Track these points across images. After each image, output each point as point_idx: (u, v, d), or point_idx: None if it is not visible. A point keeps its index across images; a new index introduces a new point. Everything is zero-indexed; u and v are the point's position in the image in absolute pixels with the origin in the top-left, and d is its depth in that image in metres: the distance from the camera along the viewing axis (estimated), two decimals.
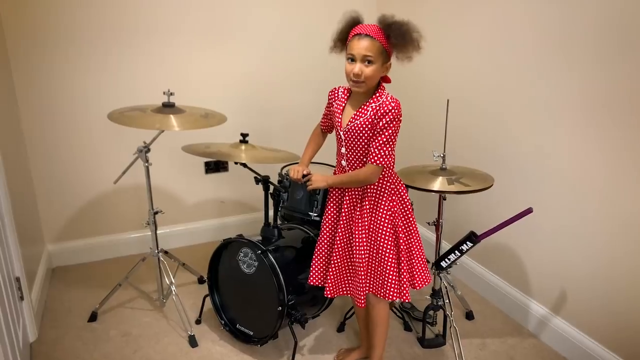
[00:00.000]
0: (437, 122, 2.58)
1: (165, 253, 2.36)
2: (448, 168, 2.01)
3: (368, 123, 1.57)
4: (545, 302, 2.16)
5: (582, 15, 1.80)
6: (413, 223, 1.74)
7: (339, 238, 1.72)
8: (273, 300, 1.88)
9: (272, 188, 2.04)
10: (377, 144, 1.57)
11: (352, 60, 1.54)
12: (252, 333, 2.05)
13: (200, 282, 2.59)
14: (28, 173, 2.51)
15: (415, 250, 1.74)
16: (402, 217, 1.71)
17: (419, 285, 1.76)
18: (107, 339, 2.11)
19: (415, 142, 2.85)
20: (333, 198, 1.77)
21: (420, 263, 1.75)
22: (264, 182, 2.01)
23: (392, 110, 1.53)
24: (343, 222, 1.72)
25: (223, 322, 2.12)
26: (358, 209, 1.70)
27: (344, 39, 1.58)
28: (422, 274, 1.76)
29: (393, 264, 1.67)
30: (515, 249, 2.28)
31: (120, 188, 2.72)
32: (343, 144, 1.67)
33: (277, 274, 1.86)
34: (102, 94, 2.58)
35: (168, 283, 2.21)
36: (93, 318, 2.24)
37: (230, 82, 2.86)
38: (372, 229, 1.69)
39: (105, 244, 2.83)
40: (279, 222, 2.11)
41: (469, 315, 2.33)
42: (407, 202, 1.73)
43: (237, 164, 2.00)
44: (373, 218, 1.68)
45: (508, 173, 2.23)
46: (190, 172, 2.93)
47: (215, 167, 2.99)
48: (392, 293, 1.67)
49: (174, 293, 2.19)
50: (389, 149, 1.58)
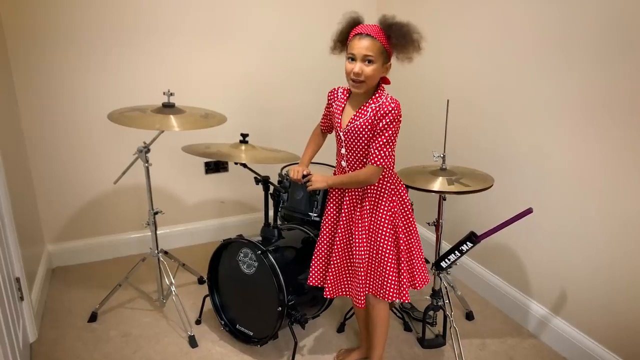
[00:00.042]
0: (437, 122, 2.58)
1: (165, 253, 2.35)
2: (448, 168, 2.01)
3: (368, 124, 1.57)
4: (545, 302, 2.16)
5: (582, 15, 1.80)
6: (413, 223, 1.74)
7: (339, 238, 1.72)
8: (273, 301, 1.88)
9: (272, 188, 2.04)
10: (377, 145, 1.56)
11: (352, 60, 1.53)
12: (252, 333, 2.05)
13: (200, 282, 2.59)
14: (28, 173, 2.51)
15: (416, 251, 1.74)
16: (402, 217, 1.71)
17: (419, 286, 1.76)
18: (107, 339, 2.11)
19: (415, 142, 2.85)
20: (333, 198, 1.77)
21: (420, 263, 1.76)
22: (264, 182, 2.01)
23: (392, 111, 1.53)
24: (343, 222, 1.72)
25: (223, 322, 2.12)
26: (358, 210, 1.70)
27: (344, 40, 1.58)
28: (422, 274, 1.76)
29: (393, 265, 1.67)
30: (515, 249, 2.28)
31: (120, 188, 2.72)
32: (343, 145, 1.67)
33: (277, 275, 1.86)
34: (102, 94, 2.58)
35: (168, 283, 2.21)
36: (93, 318, 2.24)
37: (230, 82, 2.86)
38: (372, 230, 1.69)
39: (105, 244, 2.83)
40: (279, 222, 2.11)
41: (469, 316, 2.33)
42: (407, 202, 1.73)
43: (237, 164, 2.00)
44: (373, 218, 1.68)
45: (508, 173, 2.23)
46: (190, 172, 2.93)
47: (215, 167, 2.99)
48: (391, 293, 1.68)
49: (174, 293, 2.19)
50: (389, 150, 1.58)
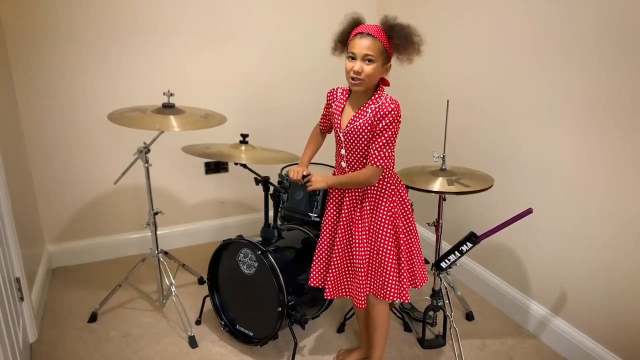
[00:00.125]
0: (437, 122, 2.58)
1: (165, 254, 2.35)
2: (448, 169, 2.01)
3: (368, 124, 1.57)
4: (545, 302, 2.16)
5: (582, 16, 1.80)
6: (413, 223, 1.74)
7: (339, 239, 1.72)
8: (273, 301, 1.88)
9: (272, 189, 2.04)
10: (377, 146, 1.56)
11: (352, 59, 1.54)
12: (252, 334, 2.05)
13: (200, 282, 2.59)
14: (28, 173, 2.51)
15: (416, 251, 1.75)
16: (402, 217, 1.71)
17: (420, 285, 1.77)
18: (107, 340, 2.11)
19: (415, 142, 2.85)
20: (333, 199, 1.77)
21: (420, 262, 1.77)
22: (264, 182, 2.01)
23: (391, 112, 1.53)
24: (343, 223, 1.72)
25: (223, 322, 2.12)
26: (358, 210, 1.70)
27: (345, 40, 1.58)
28: (422, 274, 1.78)
29: (393, 265, 1.67)
30: (515, 250, 2.28)
31: (120, 189, 2.72)
32: (343, 145, 1.67)
33: (277, 275, 1.86)
34: (101, 94, 2.58)
35: (168, 284, 2.21)
36: (93, 318, 2.24)
37: (230, 82, 2.86)
38: (372, 230, 1.69)
39: (106, 245, 2.83)
40: (279, 222, 2.11)
41: (469, 316, 2.33)
42: (407, 202, 1.73)
43: (237, 165, 2.00)
44: (373, 219, 1.68)
45: (508, 174, 2.23)
46: (190, 172, 2.93)
47: (215, 167, 2.99)
48: (392, 294, 1.68)
49: (174, 294, 2.19)
50: (389, 151, 1.58)
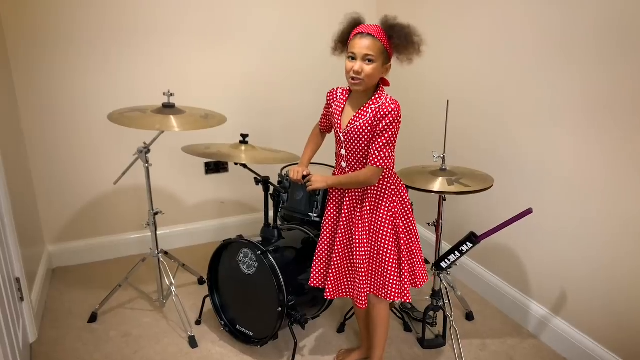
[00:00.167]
0: (437, 122, 2.58)
1: (165, 254, 2.35)
2: (448, 169, 2.01)
3: (368, 125, 1.57)
4: (545, 302, 2.16)
5: (582, 16, 1.80)
6: (413, 223, 1.74)
7: (339, 239, 1.72)
8: (273, 301, 1.88)
9: (272, 189, 2.04)
10: (377, 146, 1.56)
11: (352, 59, 1.54)
12: (252, 334, 2.05)
13: (200, 282, 2.59)
14: (28, 173, 2.51)
15: (416, 250, 1.75)
16: (403, 217, 1.71)
17: (420, 284, 1.77)
18: (107, 340, 2.11)
19: (415, 142, 2.85)
20: (333, 199, 1.77)
21: (420, 262, 1.77)
22: (264, 182, 2.01)
23: (392, 112, 1.53)
24: (343, 223, 1.71)
25: (223, 322, 2.12)
26: (358, 210, 1.70)
27: (345, 40, 1.58)
28: (422, 273, 1.78)
29: (394, 265, 1.67)
30: (515, 250, 2.28)
31: (121, 189, 2.72)
32: (343, 146, 1.67)
33: (277, 275, 1.86)
34: (102, 94, 2.58)
35: (168, 284, 2.21)
36: (93, 319, 2.24)
37: (230, 82, 2.86)
38: (372, 230, 1.69)
39: (106, 245, 2.83)
40: (279, 222, 2.11)
41: (469, 316, 2.33)
42: (407, 202, 1.73)
43: (237, 165, 2.00)
44: (374, 219, 1.68)
45: (508, 174, 2.23)
46: (190, 172, 2.93)
47: (215, 167, 2.99)
48: (393, 293, 1.68)
49: (174, 294, 2.19)
50: (389, 151, 1.58)
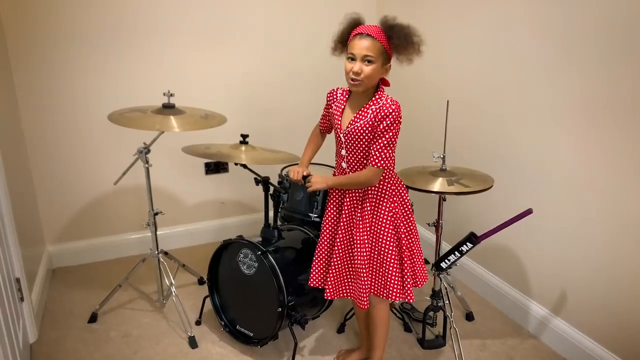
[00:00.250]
0: (437, 123, 2.58)
1: (166, 254, 2.35)
2: (448, 169, 2.01)
3: (368, 126, 1.57)
4: (545, 302, 2.16)
5: (583, 16, 1.80)
6: (413, 224, 1.74)
7: (339, 240, 1.72)
8: (273, 302, 1.88)
9: (272, 189, 2.04)
10: (377, 147, 1.56)
11: (352, 60, 1.53)
12: (252, 334, 2.05)
13: (200, 283, 2.59)
14: (28, 173, 2.51)
15: (416, 250, 1.75)
16: (403, 218, 1.71)
17: (420, 284, 1.77)
18: (107, 340, 2.11)
19: (415, 142, 2.85)
20: (333, 199, 1.77)
21: (420, 262, 1.77)
22: (264, 183, 2.01)
23: (392, 113, 1.53)
24: (343, 223, 1.71)
25: (223, 323, 2.12)
26: (359, 211, 1.70)
27: (345, 41, 1.58)
28: (422, 273, 1.78)
29: (395, 265, 1.67)
30: (515, 250, 2.28)
31: (121, 189, 2.72)
32: (343, 146, 1.67)
33: (277, 275, 1.86)
34: (102, 94, 2.58)
35: (168, 284, 2.21)
36: (93, 319, 2.24)
37: (230, 82, 2.86)
38: (373, 231, 1.69)
39: (106, 245, 2.83)
40: (279, 223, 2.11)
41: (469, 316, 2.33)
42: (407, 203, 1.73)
43: (237, 165, 2.00)
44: (374, 220, 1.68)
45: (508, 174, 2.23)
46: (191, 173, 2.93)
47: (216, 168, 2.99)
48: (395, 293, 1.68)
49: (174, 294, 2.19)
50: (390, 151, 1.58)
